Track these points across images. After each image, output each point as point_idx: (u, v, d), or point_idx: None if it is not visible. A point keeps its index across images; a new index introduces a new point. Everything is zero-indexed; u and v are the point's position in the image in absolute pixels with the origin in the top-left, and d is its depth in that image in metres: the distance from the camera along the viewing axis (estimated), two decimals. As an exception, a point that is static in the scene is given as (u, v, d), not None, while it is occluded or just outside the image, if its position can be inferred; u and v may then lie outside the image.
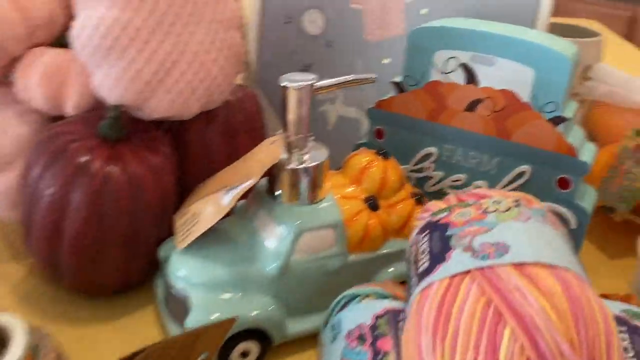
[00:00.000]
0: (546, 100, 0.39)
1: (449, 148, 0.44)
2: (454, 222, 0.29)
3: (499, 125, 0.42)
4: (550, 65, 0.38)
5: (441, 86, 0.43)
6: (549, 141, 0.40)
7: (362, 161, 0.40)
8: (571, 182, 0.40)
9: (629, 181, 0.48)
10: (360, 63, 0.55)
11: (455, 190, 0.45)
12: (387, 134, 0.47)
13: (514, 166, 0.42)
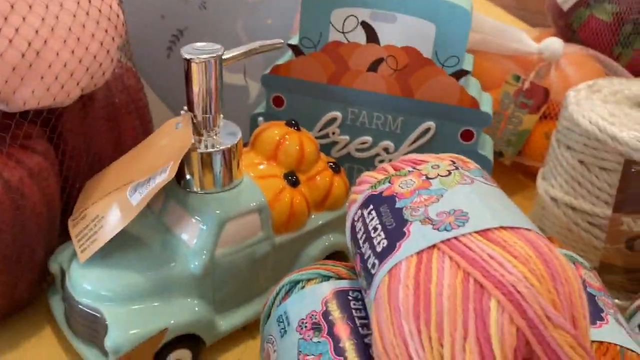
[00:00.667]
0: (448, 54, 0.39)
1: (354, 111, 0.43)
2: (400, 193, 0.27)
3: (402, 83, 0.41)
4: (451, 19, 0.38)
5: (341, 47, 0.41)
6: (452, 96, 0.40)
7: (275, 135, 0.37)
8: (474, 133, 0.41)
9: (514, 125, 0.51)
10: (240, 24, 0.51)
11: (362, 153, 0.44)
12: (287, 102, 0.44)
13: (419, 123, 0.42)
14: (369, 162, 0.44)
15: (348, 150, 0.44)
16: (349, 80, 0.42)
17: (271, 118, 0.44)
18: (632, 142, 0.35)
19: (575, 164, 0.38)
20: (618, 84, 0.42)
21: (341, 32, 0.41)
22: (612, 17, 0.51)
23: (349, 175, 0.46)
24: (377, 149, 0.44)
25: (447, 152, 0.41)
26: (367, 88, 0.41)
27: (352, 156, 0.44)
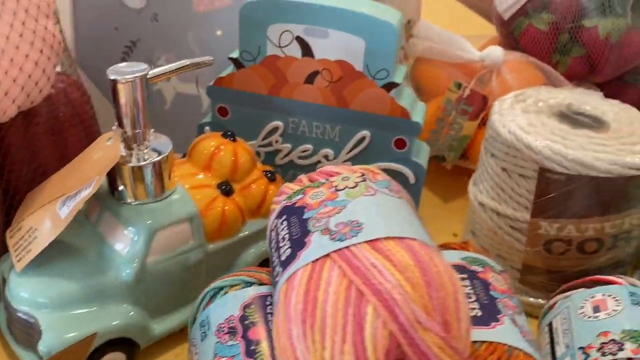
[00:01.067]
0: (378, 68, 0.41)
1: (294, 120, 0.44)
2: (309, 204, 0.29)
3: (337, 95, 0.43)
4: (378, 35, 0.40)
5: (279, 60, 0.43)
6: (384, 106, 0.42)
7: (210, 146, 0.39)
8: (406, 142, 0.43)
9: (455, 131, 0.53)
10: (191, 36, 0.53)
11: (304, 160, 0.46)
12: (231, 112, 0.45)
13: (354, 132, 0.44)
14: (311, 168, 0.46)
15: (291, 158, 0.46)
16: (288, 92, 0.44)
17: (217, 127, 0.46)
18: (545, 150, 0.37)
19: (499, 171, 0.40)
20: (545, 92, 0.44)
21: (278, 47, 0.43)
22: (549, 26, 0.53)
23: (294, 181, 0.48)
24: (318, 157, 0.45)
25: (383, 159, 0.44)
26: (305, 99, 0.43)
27: (295, 163, 0.46)
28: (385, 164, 0.44)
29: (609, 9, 0.51)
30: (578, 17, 0.51)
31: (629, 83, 0.57)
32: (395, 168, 0.44)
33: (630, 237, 0.39)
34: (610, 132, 0.39)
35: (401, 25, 0.42)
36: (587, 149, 0.36)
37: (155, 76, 0.34)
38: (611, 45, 0.52)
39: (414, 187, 0.45)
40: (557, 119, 0.40)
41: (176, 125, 0.55)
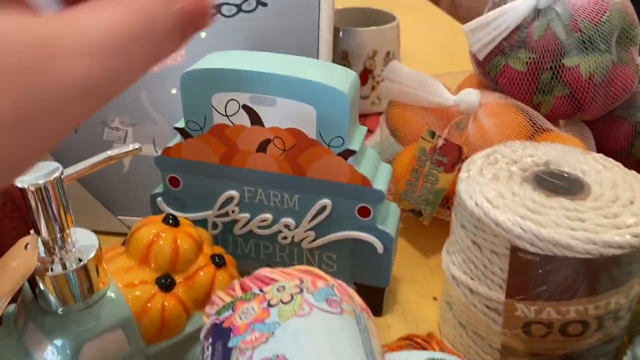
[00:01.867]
0: (332, 135, 0.38)
1: (250, 190, 0.42)
2: (236, 326, 0.26)
3: (292, 163, 0.40)
4: (329, 102, 0.37)
5: (227, 129, 0.40)
6: (342, 174, 0.39)
7: (147, 236, 0.35)
8: (370, 210, 0.40)
9: (431, 183, 0.49)
10: (144, 95, 0.50)
11: (264, 230, 0.43)
12: (183, 182, 0.43)
13: (314, 201, 0.41)
14: (272, 238, 0.43)
15: (250, 228, 0.43)
16: (241, 161, 0.41)
17: (170, 197, 0.44)
18: (515, 229, 0.33)
19: (469, 244, 0.37)
20: (520, 149, 0.40)
21: (224, 115, 0.39)
22: (527, 67, 0.49)
23: (256, 252, 0.44)
24: (279, 226, 0.42)
25: (347, 227, 0.41)
26: (259, 168, 0.40)
27: (255, 233, 0.43)
28: (350, 233, 0.41)
29: (590, 46, 0.47)
30: (558, 56, 0.47)
31: (621, 118, 0.53)
32: (361, 237, 0.41)
33: (618, 316, 0.35)
34: (590, 199, 0.35)
35: (356, 87, 0.39)
36: (561, 226, 0.32)
37: (71, 176, 0.31)
38: (596, 84, 0.47)
39: (383, 257, 0.41)
40: (530, 186, 0.36)
41: (136, 188, 0.52)
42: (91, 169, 0.32)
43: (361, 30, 0.67)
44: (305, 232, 0.42)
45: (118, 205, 0.52)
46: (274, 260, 0.44)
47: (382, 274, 0.42)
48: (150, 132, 0.50)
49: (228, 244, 0.44)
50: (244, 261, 0.44)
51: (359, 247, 0.42)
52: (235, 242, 0.44)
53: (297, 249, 0.43)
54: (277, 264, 0.44)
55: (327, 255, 0.43)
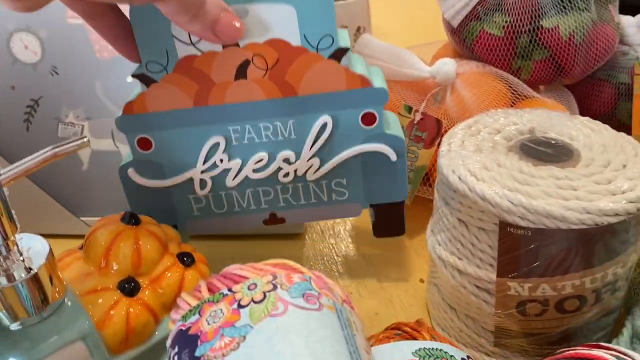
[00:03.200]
0: (319, 35, 0.34)
1: (236, 129, 0.37)
2: (204, 332, 0.23)
3: (279, 82, 0.35)
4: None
5: (196, 60, 0.34)
6: (339, 80, 0.35)
7: (105, 238, 0.32)
8: (376, 114, 0.37)
9: (410, 161, 0.46)
10: (99, 86, 0.46)
11: (261, 172, 0.38)
12: (155, 141, 0.37)
13: (312, 121, 0.37)
14: (272, 180, 0.39)
15: (245, 174, 0.38)
16: (219, 96, 0.36)
17: (142, 164, 0.38)
18: (504, 202, 0.30)
19: (455, 221, 0.34)
20: (502, 118, 0.38)
21: (190, 44, 0.34)
22: (504, 31, 0.46)
23: (256, 202, 0.40)
24: (277, 163, 0.38)
25: (353, 143, 0.37)
26: (242, 99, 0.36)
27: (252, 180, 0.38)
28: (358, 147, 0.37)
29: (569, 5, 0.44)
30: (536, 17, 0.45)
31: (603, 80, 0.51)
32: (371, 149, 0.38)
33: (616, 287, 0.33)
34: (581, 165, 0.33)
35: None
36: (553, 196, 0.30)
37: (10, 178, 0.27)
38: (577, 45, 0.45)
39: (397, 164, 0.38)
40: (517, 155, 0.34)
41: (97, 186, 0.49)
42: (33, 167, 0.28)
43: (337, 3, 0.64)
44: (309, 161, 0.38)
45: (79, 206, 0.49)
46: (277, 206, 0.40)
47: (399, 184, 0.39)
48: (108, 126, 0.47)
49: (222, 203, 0.40)
50: (244, 218, 0.40)
51: (370, 162, 0.38)
52: (230, 197, 0.39)
53: (302, 185, 0.39)
54: (281, 210, 0.40)
55: (336, 183, 0.39)
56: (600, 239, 0.30)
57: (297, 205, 0.40)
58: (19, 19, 0.44)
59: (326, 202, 0.40)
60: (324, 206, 0.40)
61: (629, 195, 0.30)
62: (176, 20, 0.29)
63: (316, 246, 0.48)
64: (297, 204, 0.40)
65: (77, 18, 0.44)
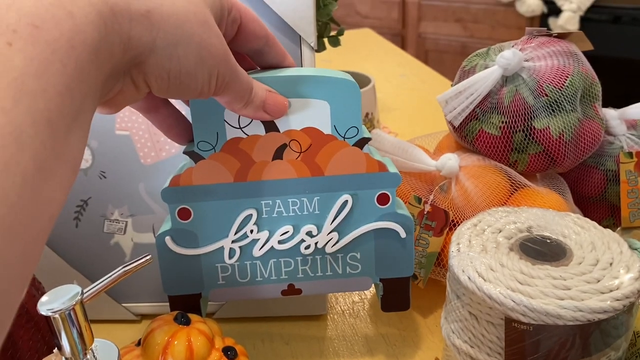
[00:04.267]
0: (347, 126, 0.40)
1: (268, 203, 0.41)
2: None
3: (309, 164, 0.41)
4: (342, 94, 0.39)
5: (242, 142, 0.40)
6: (360, 164, 0.41)
7: (162, 338, 0.37)
8: (389, 195, 0.42)
9: (422, 247, 0.51)
10: (142, 187, 0.52)
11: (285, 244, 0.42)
12: (194, 212, 0.41)
13: (335, 199, 0.42)
14: (294, 251, 0.43)
15: (271, 245, 0.43)
16: (257, 174, 0.41)
17: (179, 233, 0.42)
18: (508, 301, 0.35)
19: (467, 314, 0.39)
20: (504, 216, 0.43)
21: (238, 128, 0.40)
22: (501, 130, 0.52)
23: (277, 273, 0.44)
24: (301, 235, 0.42)
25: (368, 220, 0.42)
26: (277, 177, 0.41)
27: (276, 251, 0.43)
28: (373, 224, 0.43)
29: (557, 108, 0.50)
30: (528, 118, 0.51)
31: (592, 167, 0.56)
32: (384, 226, 0.43)
33: (611, 371, 0.37)
34: (573, 264, 0.38)
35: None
36: (550, 295, 0.35)
37: (91, 296, 0.32)
38: (566, 142, 0.51)
39: (406, 241, 0.43)
40: (517, 255, 0.39)
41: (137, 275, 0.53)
42: (109, 284, 0.33)
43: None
44: (329, 235, 0.42)
45: (121, 293, 0.54)
46: (296, 277, 0.44)
47: (406, 260, 0.44)
48: (149, 222, 0.52)
49: (246, 272, 0.43)
50: (264, 287, 0.44)
51: (381, 239, 0.43)
52: (254, 267, 0.43)
53: (321, 257, 0.43)
54: (299, 281, 0.44)
55: (351, 257, 0.44)
56: (594, 332, 0.35)
57: (314, 277, 0.44)
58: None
59: (340, 274, 0.44)
60: (339, 279, 0.44)
61: (615, 294, 0.35)
62: (232, 107, 0.35)
63: (338, 326, 0.53)
64: (314, 275, 0.44)
65: (125, 130, 0.51)
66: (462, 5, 2.39)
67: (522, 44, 0.54)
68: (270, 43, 0.38)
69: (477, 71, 0.53)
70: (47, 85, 0.21)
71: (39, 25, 0.21)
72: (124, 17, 0.25)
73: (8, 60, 0.20)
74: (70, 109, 0.22)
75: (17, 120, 0.19)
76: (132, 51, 0.26)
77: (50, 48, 0.21)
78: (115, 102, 0.30)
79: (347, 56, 1.15)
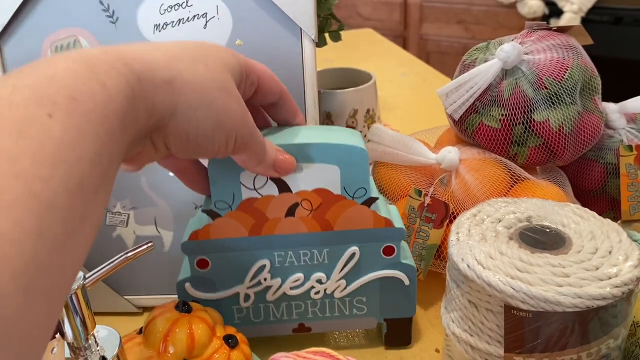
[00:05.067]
0: (355, 188, 0.42)
1: (280, 254, 0.44)
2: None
3: (320, 220, 0.43)
4: (351, 159, 0.41)
5: (256, 202, 0.42)
6: (367, 221, 0.43)
7: (163, 326, 0.37)
8: (394, 247, 0.44)
9: (422, 239, 0.51)
10: (144, 181, 0.52)
11: (296, 290, 0.45)
12: (212, 262, 0.44)
13: (343, 250, 0.44)
14: (305, 296, 0.46)
15: (283, 291, 0.45)
16: (270, 229, 0.43)
17: (197, 280, 0.45)
18: (507, 289, 0.35)
19: (466, 302, 0.39)
20: (503, 206, 0.43)
21: (253, 189, 0.42)
22: (501, 123, 0.52)
23: (288, 314, 0.47)
24: (311, 283, 0.45)
25: (374, 268, 0.45)
26: (289, 232, 0.43)
27: (288, 295, 0.46)
28: (378, 273, 0.45)
29: (556, 100, 0.50)
30: (528, 111, 0.51)
31: (592, 160, 0.57)
32: (389, 274, 0.45)
33: (610, 359, 0.37)
34: (572, 252, 0.38)
35: (364, 142, 0.43)
36: (549, 283, 0.35)
37: (92, 282, 0.33)
38: (566, 134, 0.51)
39: (409, 288, 0.46)
40: (516, 244, 0.39)
41: (139, 268, 0.54)
42: (111, 270, 0.34)
43: (341, 92, 0.71)
44: (337, 282, 0.45)
45: (124, 285, 0.54)
46: (306, 317, 0.47)
47: (409, 303, 0.47)
48: (151, 214, 0.53)
49: (260, 313, 0.46)
50: (276, 326, 0.47)
51: (386, 285, 0.45)
52: (267, 309, 0.46)
53: (329, 300, 0.46)
54: (309, 320, 0.47)
55: (357, 300, 0.46)
56: (593, 319, 0.35)
57: (323, 317, 0.47)
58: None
59: (347, 315, 0.47)
60: (346, 319, 0.47)
61: (614, 280, 0.35)
62: (246, 165, 0.38)
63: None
64: (322, 316, 0.47)
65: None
66: (463, 7, 2.40)
67: (522, 38, 0.54)
68: (284, 97, 0.40)
69: (477, 65, 0.53)
70: (81, 154, 0.22)
71: (76, 98, 0.23)
72: (149, 85, 0.27)
73: (48, 131, 0.21)
74: (99, 174, 0.24)
75: (53, 188, 0.21)
76: (156, 116, 0.28)
77: (86, 119, 0.23)
78: (135, 160, 0.33)
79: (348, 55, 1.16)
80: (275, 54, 0.49)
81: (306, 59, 0.49)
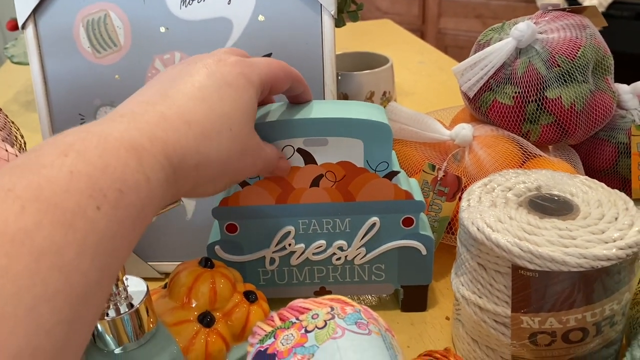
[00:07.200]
0: (378, 161, 0.44)
1: (304, 222, 0.46)
2: (280, 352, 0.30)
3: (343, 191, 0.45)
4: (375, 134, 0.42)
5: None
6: (388, 193, 0.45)
7: (188, 280, 0.39)
8: (414, 219, 0.46)
9: (435, 212, 0.53)
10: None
11: (319, 255, 0.47)
12: (240, 227, 0.47)
13: (364, 220, 0.46)
14: (326, 262, 0.48)
15: (306, 256, 0.48)
16: (296, 198, 0.45)
17: (226, 244, 0.47)
18: (514, 249, 0.37)
19: (475, 265, 0.41)
20: (514, 176, 0.45)
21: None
22: (514, 100, 0.53)
23: (311, 277, 0.49)
24: (332, 249, 0.48)
25: (394, 238, 0.47)
26: (313, 201, 0.45)
27: (310, 260, 0.48)
28: (397, 242, 0.47)
29: (569, 78, 0.52)
30: (541, 89, 0.52)
31: (604, 140, 0.58)
32: (407, 244, 0.47)
33: (614, 321, 0.39)
34: (579, 218, 0.39)
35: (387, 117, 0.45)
36: (556, 244, 0.37)
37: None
38: (578, 112, 0.52)
39: (426, 257, 0.48)
40: (525, 210, 0.40)
41: (162, 235, 0.56)
42: (139, 223, 0.36)
43: (358, 74, 0.72)
44: (357, 250, 0.47)
45: (147, 252, 0.57)
46: (327, 281, 0.49)
47: (426, 272, 0.49)
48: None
49: (284, 276, 0.49)
50: (299, 288, 0.49)
51: (404, 254, 0.47)
52: (291, 272, 0.49)
53: (349, 267, 0.48)
54: (330, 284, 0.49)
55: (376, 267, 0.48)
56: (597, 280, 0.36)
57: (343, 282, 0.49)
58: (103, 96, 0.53)
59: (366, 281, 0.49)
60: (364, 284, 0.50)
61: (619, 243, 0.36)
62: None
63: (353, 288, 0.55)
64: (343, 280, 0.49)
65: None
66: (482, 1, 2.39)
67: (536, 18, 0.55)
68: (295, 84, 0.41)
69: (492, 44, 0.55)
70: (119, 246, 0.24)
71: (124, 191, 0.24)
72: (181, 175, 0.30)
73: (95, 223, 0.23)
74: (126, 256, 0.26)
75: (90, 279, 0.22)
76: (179, 195, 0.31)
77: (128, 212, 0.24)
78: None
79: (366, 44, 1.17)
80: (295, 29, 0.51)
81: (325, 35, 0.50)
